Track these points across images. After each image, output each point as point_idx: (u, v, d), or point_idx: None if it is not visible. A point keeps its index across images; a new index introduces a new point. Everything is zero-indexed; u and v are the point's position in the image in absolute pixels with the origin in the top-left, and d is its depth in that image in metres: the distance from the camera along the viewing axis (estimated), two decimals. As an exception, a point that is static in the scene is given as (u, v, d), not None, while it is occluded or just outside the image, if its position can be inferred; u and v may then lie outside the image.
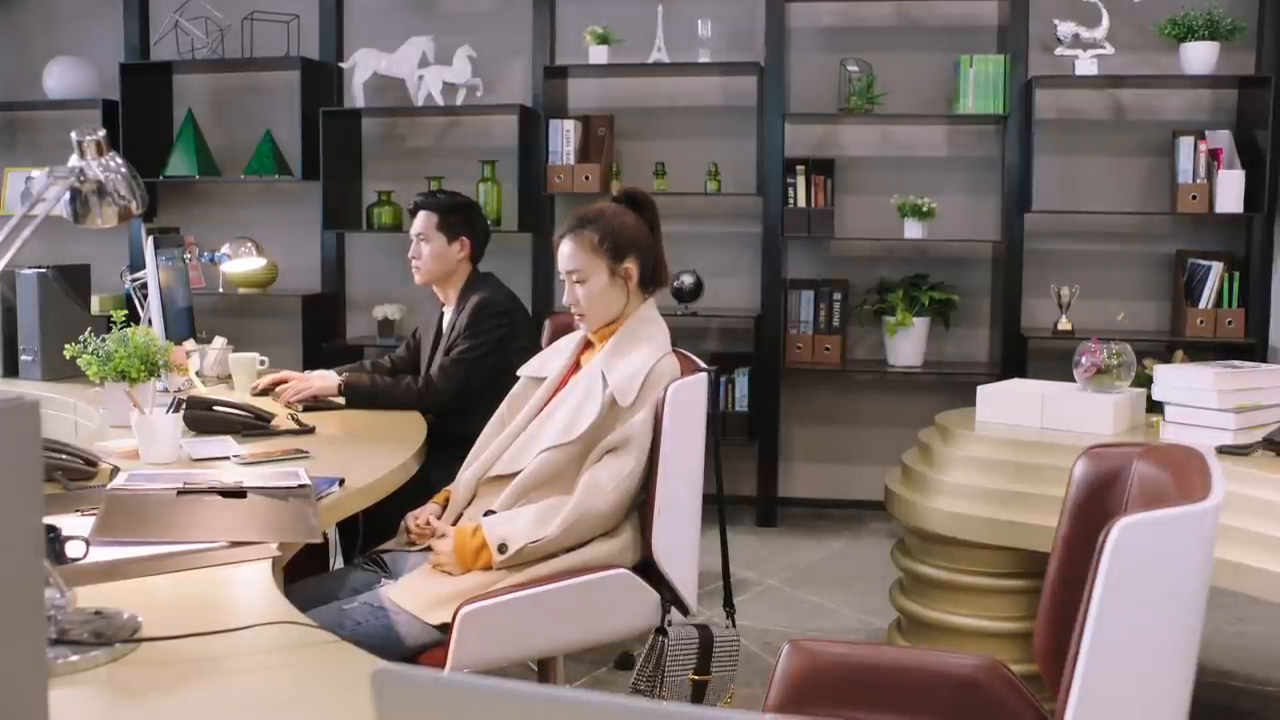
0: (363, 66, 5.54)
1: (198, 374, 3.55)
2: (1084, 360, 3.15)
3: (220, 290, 5.75)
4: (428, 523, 2.57)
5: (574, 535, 2.35)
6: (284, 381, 3.30)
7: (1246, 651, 3.80)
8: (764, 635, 3.81)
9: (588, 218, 2.54)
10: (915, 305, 5.19)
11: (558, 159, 5.41)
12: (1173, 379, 2.98)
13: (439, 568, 2.35)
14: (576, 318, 2.58)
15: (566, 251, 2.52)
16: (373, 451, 2.66)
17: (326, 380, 3.24)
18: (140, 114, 5.81)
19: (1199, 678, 1.59)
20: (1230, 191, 4.92)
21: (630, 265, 2.52)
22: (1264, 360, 4.86)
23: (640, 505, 2.45)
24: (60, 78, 5.87)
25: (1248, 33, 5.03)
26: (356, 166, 5.86)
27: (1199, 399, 2.90)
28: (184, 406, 2.69)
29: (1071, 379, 3.21)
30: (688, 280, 5.24)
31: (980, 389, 3.31)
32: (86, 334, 2.80)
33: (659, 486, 2.39)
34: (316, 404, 3.18)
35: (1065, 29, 5.02)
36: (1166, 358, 4.62)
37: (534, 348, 3.03)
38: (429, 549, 2.44)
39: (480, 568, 2.33)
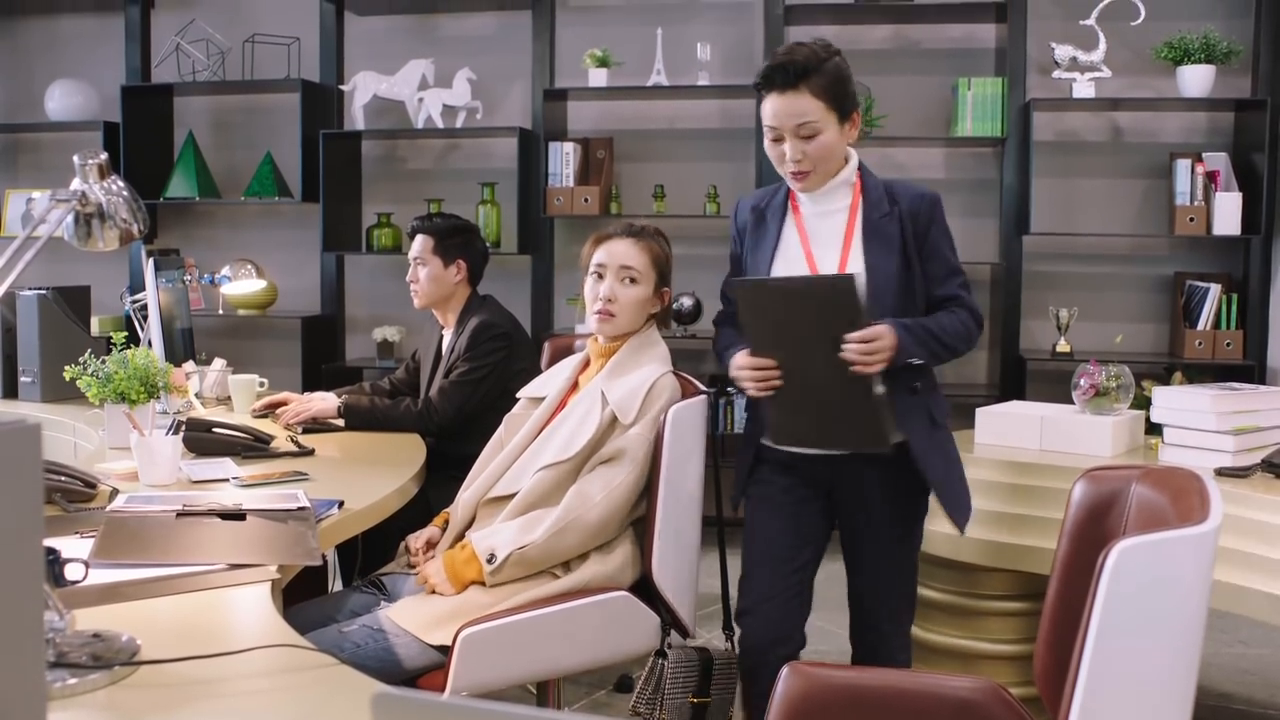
0: (363, 89, 5.57)
1: (197, 396, 3.55)
2: (1083, 382, 3.15)
3: (220, 312, 5.76)
4: (428, 544, 2.58)
5: (562, 543, 2.34)
6: (283, 403, 3.31)
7: (1248, 674, 3.79)
8: (763, 658, 3.79)
9: (650, 231, 2.63)
10: (914, 327, 5.19)
11: (557, 181, 5.42)
12: (1171, 401, 2.99)
13: (434, 591, 2.35)
14: (602, 316, 2.55)
15: (628, 250, 2.55)
16: (372, 474, 2.66)
17: (326, 402, 3.24)
18: (141, 136, 5.83)
19: (1200, 700, 1.59)
20: (1228, 213, 4.94)
21: (666, 291, 2.64)
22: (1262, 382, 4.86)
23: (637, 525, 2.45)
24: (62, 100, 5.89)
25: (1244, 56, 5.05)
26: (356, 188, 5.87)
27: (1197, 421, 2.90)
28: (183, 428, 2.69)
29: (1070, 401, 3.22)
30: (687, 302, 5.24)
31: (979, 411, 3.31)
32: (86, 355, 2.80)
33: (659, 508, 2.39)
34: (316, 426, 3.18)
35: (1063, 52, 5.05)
36: (1165, 379, 4.63)
37: (533, 370, 3.03)
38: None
39: (471, 579, 2.33)
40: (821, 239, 2.47)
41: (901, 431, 2.39)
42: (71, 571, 1.60)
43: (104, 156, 2.29)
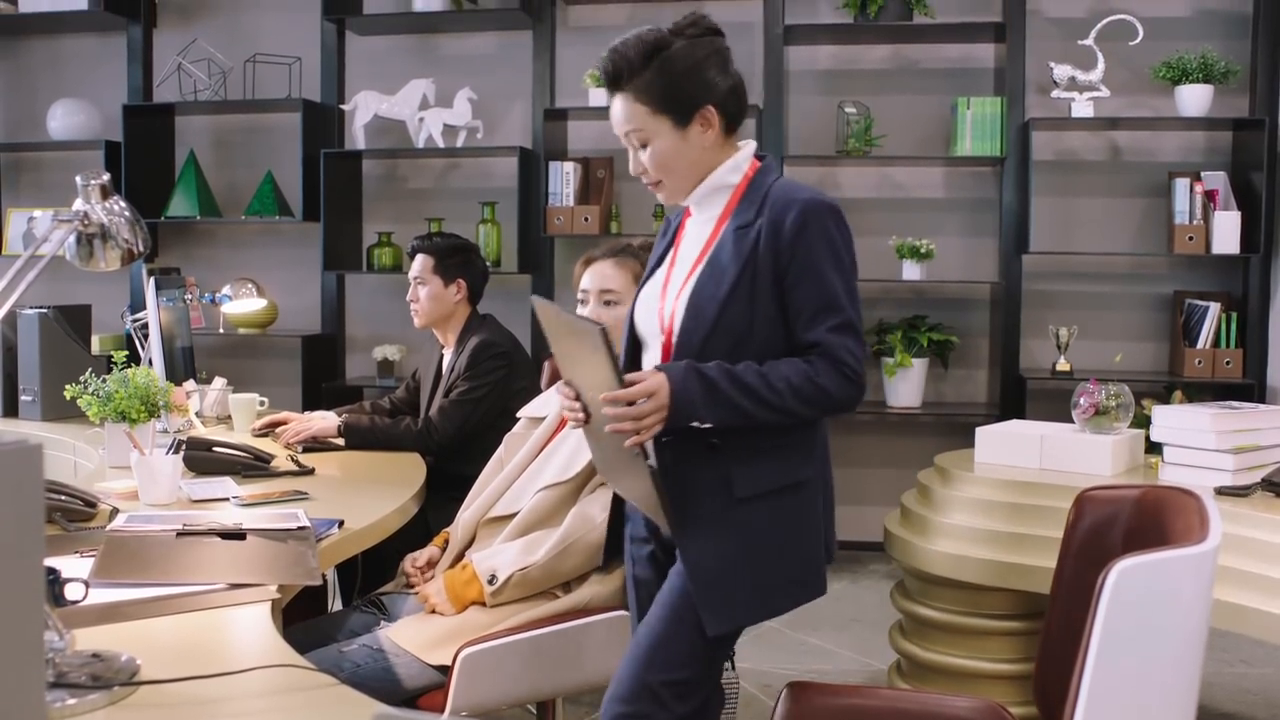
0: (364, 108, 5.58)
1: (197, 415, 3.56)
2: (1082, 401, 3.16)
3: (220, 331, 5.77)
4: (427, 564, 2.57)
5: (564, 564, 2.34)
6: (283, 422, 3.31)
7: (1250, 694, 3.78)
8: (763, 678, 3.79)
9: (633, 250, 2.53)
10: (914, 346, 5.20)
11: (557, 200, 5.43)
12: (1171, 420, 2.99)
13: (434, 610, 2.35)
14: None
15: (608, 272, 2.49)
16: (372, 493, 2.66)
17: (326, 421, 3.25)
18: (142, 155, 5.84)
19: (1200, 721, 1.59)
20: (1227, 232, 4.95)
21: None
22: (1262, 401, 4.86)
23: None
24: (63, 119, 5.91)
25: (1242, 76, 5.07)
26: (357, 208, 5.89)
27: (1197, 440, 2.90)
28: (184, 447, 2.69)
29: (1070, 420, 3.22)
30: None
31: (979, 430, 3.31)
32: (87, 374, 2.80)
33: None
34: (316, 445, 3.19)
35: (1061, 72, 5.07)
36: (1165, 398, 4.63)
37: (533, 389, 3.04)
38: (427, 590, 2.44)
39: (472, 599, 2.33)
40: (686, 258, 2.04)
41: (679, 501, 1.90)
42: (71, 591, 1.60)
43: (106, 177, 2.30)
